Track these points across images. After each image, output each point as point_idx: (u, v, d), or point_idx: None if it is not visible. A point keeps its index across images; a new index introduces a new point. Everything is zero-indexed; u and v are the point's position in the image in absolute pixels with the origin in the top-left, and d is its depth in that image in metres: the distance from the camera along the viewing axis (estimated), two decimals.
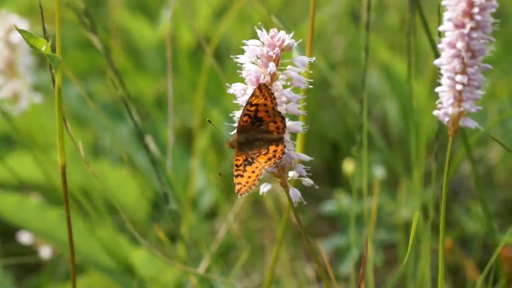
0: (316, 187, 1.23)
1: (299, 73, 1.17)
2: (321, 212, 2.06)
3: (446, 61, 1.18)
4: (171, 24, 1.56)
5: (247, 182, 1.15)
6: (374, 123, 2.41)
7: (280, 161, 1.16)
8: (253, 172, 1.15)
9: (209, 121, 1.28)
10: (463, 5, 1.16)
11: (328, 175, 2.38)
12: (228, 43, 2.53)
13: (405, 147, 2.25)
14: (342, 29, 2.58)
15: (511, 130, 2.24)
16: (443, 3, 1.18)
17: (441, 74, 1.19)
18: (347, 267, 1.97)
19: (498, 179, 2.26)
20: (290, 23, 2.52)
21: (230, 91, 1.18)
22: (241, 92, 1.18)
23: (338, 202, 2.01)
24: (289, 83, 1.17)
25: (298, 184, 1.21)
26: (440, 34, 1.19)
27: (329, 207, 2.02)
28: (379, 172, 2.03)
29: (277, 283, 1.96)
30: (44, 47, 1.18)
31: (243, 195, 1.15)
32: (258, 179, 1.15)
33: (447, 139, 1.22)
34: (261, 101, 1.15)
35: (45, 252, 2.05)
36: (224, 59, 2.55)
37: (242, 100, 1.18)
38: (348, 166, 1.96)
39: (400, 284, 1.97)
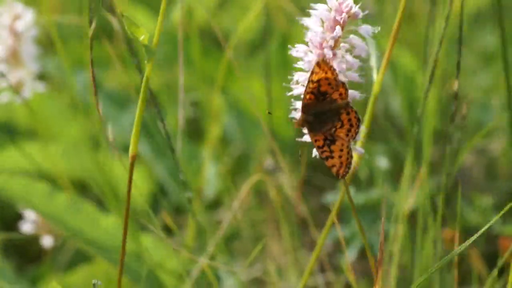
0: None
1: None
2: (324, 203, 2.06)
3: None
4: (180, 13, 1.56)
5: (341, 162, 1.15)
6: (377, 114, 2.42)
7: (359, 128, 1.17)
8: (341, 150, 1.15)
9: (269, 113, 1.29)
10: None
11: None
12: (228, 31, 2.53)
13: (408, 138, 2.26)
14: None
15: None
16: None
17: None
18: (349, 258, 1.98)
19: (500, 171, 2.27)
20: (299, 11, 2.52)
21: (293, 53, 1.18)
22: (304, 53, 1.18)
23: (342, 193, 2.01)
24: (349, 52, 1.18)
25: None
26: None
27: (332, 197, 2.03)
28: (383, 163, 2.03)
29: (279, 273, 1.97)
30: (143, 36, 1.18)
31: (344, 176, 1.15)
32: (351, 155, 1.15)
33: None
34: (322, 75, 1.15)
35: (47, 240, 2.04)
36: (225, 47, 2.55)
37: (305, 62, 1.18)
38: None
39: (405, 274, 1.98)
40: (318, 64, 1.15)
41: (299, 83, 1.20)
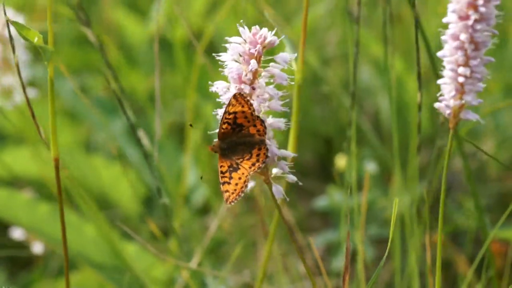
0: (300, 183, 1.23)
1: (282, 70, 1.17)
2: (314, 208, 2.06)
3: (449, 53, 1.18)
4: (161, 19, 1.56)
5: (235, 190, 1.15)
6: (366, 119, 2.41)
7: (265, 164, 1.16)
8: (239, 178, 1.15)
9: (190, 125, 1.30)
10: None
11: (321, 171, 2.38)
12: (222, 39, 2.53)
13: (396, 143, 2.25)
14: (335, 25, 2.58)
15: (502, 124, 2.24)
16: None
17: (444, 66, 1.19)
18: (339, 262, 1.97)
19: (490, 174, 2.26)
20: (283, 19, 2.52)
21: (213, 89, 1.19)
22: (223, 90, 1.18)
23: (331, 198, 2.01)
24: (271, 80, 1.18)
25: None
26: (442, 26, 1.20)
27: (321, 202, 2.02)
28: (371, 167, 2.03)
29: (269, 279, 1.97)
30: (36, 38, 1.19)
31: (232, 203, 1.15)
32: (246, 186, 1.15)
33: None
34: (238, 108, 1.16)
35: (38, 247, 2.05)
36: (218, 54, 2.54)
37: (224, 98, 1.18)
38: (340, 162, 1.96)
39: (391, 278, 1.97)
40: (235, 96, 1.15)
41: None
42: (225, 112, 1.17)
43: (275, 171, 1.19)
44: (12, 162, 2.11)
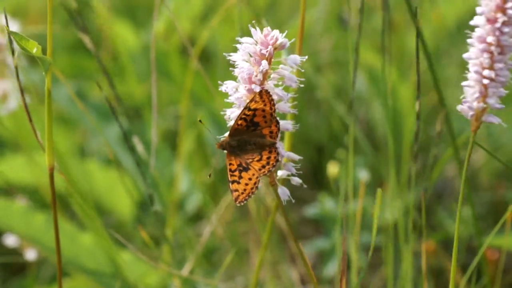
0: (305, 186, 1.23)
1: (291, 72, 1.17)
2: (305, 215, 2.06)
3: (474, 55, 1.19)
4: (161, 26, 1.56)
5: (244, 190, 1.14)
6: (359, 126, 2.42)
7: (274, 168, 1.16)
8: (249, 179, 1.15)
9: (200, 121, 1.28)
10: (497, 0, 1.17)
11: (313, 178, 2.38)
12: (215, 45, 2.54)
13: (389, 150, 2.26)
14: (328, 31, 2.58)
15: (495, 132, 2.25)
16: None
17: (468, 69, 1.19)
18: (331, 270, 1.97)
19: (482, 182, 2.27)
20: (276, 25, 2.52)
21: (222, 88, 1.18)
22: (232, 90, 1.18)
23: (322, 205, 2.01)
24: (280, 82, 1.18)
25: (284, 184, 1.21)
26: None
27: (313, 210, 2.03)
28: (364, 175, 2.03)
29: (261, 286, 1.97)
30: (35, 49, 1.18)
31: (242, 203, 1.14)
32: (257, 187, 1.14)
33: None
34: (260, 106, 1.15)
35: (31, 254, 2.05)
36: (212, 60, 2.55)
37: (234, 98, 1.18)
38: (333, 169, 1.97)
39: (383, 286, 1.98)
40: (260, 93, 1.15)
41: (231, 119, 1.19)
42: (245, 108, 1.16)
43: (280, 173, 1.19)
44: (7, 169, 2.10)
